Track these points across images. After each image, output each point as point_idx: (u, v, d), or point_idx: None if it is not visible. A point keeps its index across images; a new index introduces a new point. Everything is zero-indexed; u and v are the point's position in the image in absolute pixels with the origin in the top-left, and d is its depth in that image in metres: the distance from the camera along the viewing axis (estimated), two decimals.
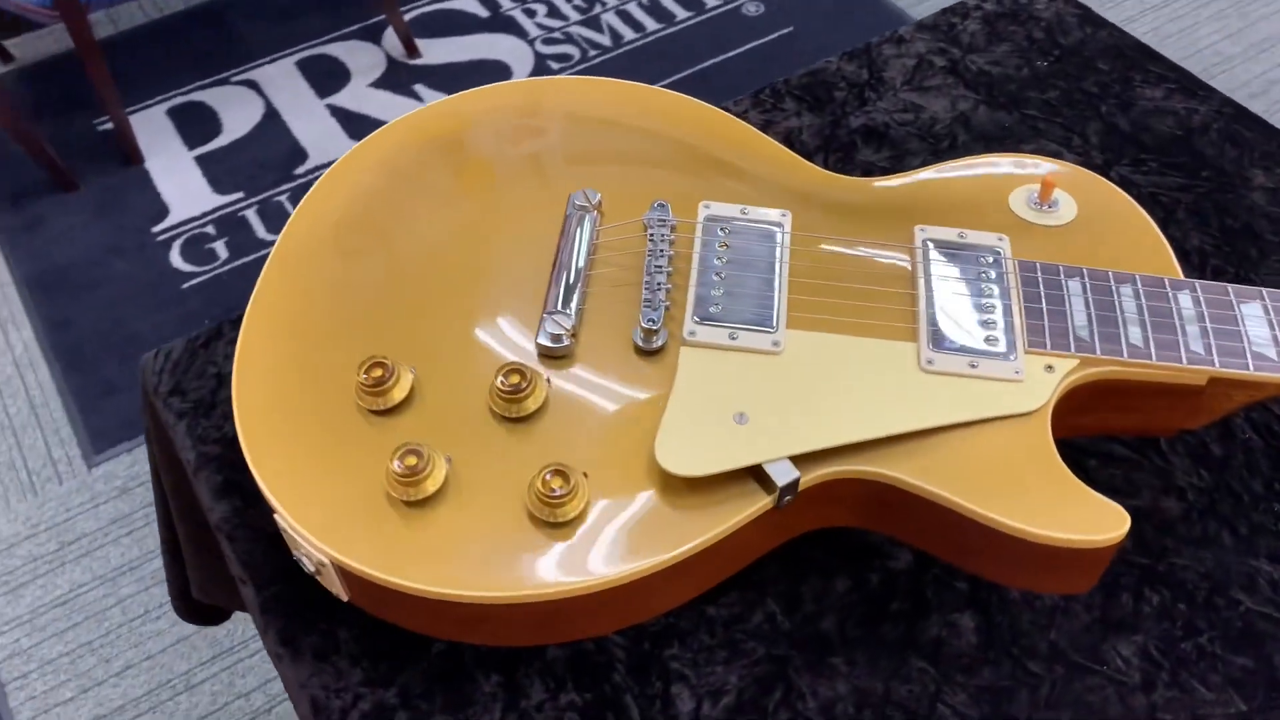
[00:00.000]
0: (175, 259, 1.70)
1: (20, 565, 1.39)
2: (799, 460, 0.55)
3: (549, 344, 0.59)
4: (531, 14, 2.07)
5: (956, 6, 0.97)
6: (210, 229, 1.74)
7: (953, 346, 0.59)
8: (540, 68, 1.97)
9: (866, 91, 0.90)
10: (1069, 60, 0.92)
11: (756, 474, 0.55)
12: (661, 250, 0.62)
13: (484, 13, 2.07)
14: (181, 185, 1.80)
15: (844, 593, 0.64)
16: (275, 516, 0.56)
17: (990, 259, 0.62)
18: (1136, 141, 0.86)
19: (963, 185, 0.67)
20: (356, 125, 1.88)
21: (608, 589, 0.54)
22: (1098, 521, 0.53)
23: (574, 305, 0.61)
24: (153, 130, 1.88)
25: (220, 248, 1.72)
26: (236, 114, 1.91)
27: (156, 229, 1.75)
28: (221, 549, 0.68)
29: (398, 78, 1.96)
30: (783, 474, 0.54)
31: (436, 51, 2.01)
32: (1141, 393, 0.60)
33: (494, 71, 1.96)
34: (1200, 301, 0.60)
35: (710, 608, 0.63)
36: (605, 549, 0.54)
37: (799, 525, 0.59)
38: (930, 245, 0.63)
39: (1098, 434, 0.68)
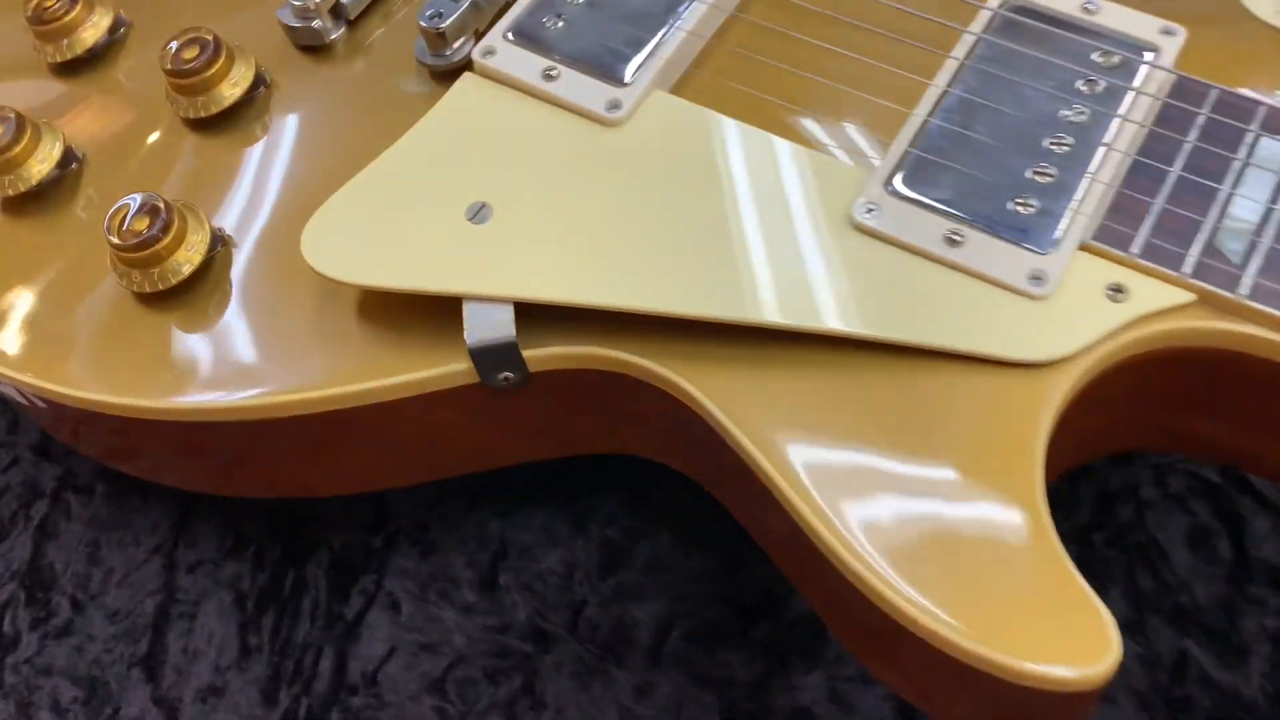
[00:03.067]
0: None
1: None
2: (539, 317, 0.29)
3: (287, 21, 0.36)
4: None
5: None
6: None
7: (931, 196, 0.29)
8: None
9: None
10: None
11: None
12: None
13: None
14: None
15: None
16: None
17: (1117, 61, 0.31)
18: None
19: None
20: None
21: (177, 422, 0.32)
22: (1059, 635, 0.24)
23: None
24: None
25: None
26: None
27: None
28: None
29: None
30: (491, 326, 0.29)
31: None
32: None
33: None
34: None
35: (497, 523, 0.40)
36: (204, 360, 0.32)
37: (570, 439, 0.34)
38: (1009, 13, 0.32)
39: (1177, 452, 0.36)
